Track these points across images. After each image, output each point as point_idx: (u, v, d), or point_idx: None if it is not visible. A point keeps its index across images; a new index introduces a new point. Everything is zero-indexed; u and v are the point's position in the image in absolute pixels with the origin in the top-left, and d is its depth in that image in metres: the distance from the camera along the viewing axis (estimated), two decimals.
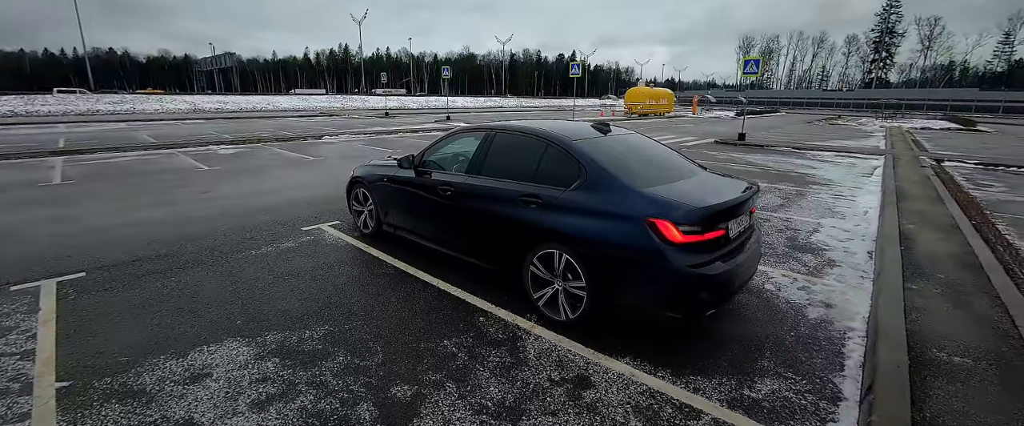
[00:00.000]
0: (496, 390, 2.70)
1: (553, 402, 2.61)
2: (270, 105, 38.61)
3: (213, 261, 4.54)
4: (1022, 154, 15.91)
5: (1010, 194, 9.10)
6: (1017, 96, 54.52)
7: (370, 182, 5.09)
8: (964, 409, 2.57)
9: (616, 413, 2.55)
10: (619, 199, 3.12)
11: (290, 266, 4.44)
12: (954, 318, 3.62)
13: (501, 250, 3.74)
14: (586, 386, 2.77)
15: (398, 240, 5.08)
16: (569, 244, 3.23)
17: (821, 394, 2.81)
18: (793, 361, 3.14)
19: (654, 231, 2.93)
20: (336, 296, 3.82)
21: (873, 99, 64.59)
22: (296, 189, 7.95)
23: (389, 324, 3.40)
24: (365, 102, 47.22)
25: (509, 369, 2.91)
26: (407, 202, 4.64)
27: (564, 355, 3.08)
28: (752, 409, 2.63)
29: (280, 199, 7.17)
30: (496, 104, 58.87)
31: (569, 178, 3.38)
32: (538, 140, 3.70)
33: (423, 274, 4.31)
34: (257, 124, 22.70)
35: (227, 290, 3.89)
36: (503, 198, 3.64)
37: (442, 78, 28.93)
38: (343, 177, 9.20)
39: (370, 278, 4.22)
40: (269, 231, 5.53)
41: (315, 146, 14.42)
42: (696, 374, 2.93)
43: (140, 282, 4.03)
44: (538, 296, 3.52)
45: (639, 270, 3.01)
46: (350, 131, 18.98)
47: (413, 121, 26.32)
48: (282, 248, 4.94)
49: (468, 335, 3.29)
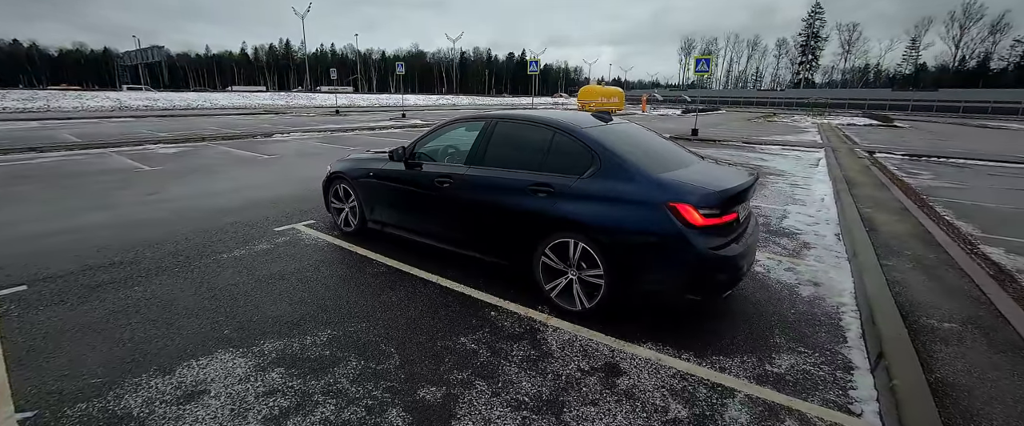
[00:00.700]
0: (529, 385, 2.59)
1: (590, 391, 2.55)
2: (207, 102, 36.00)
3: (180, 267, 4.10)
4: (936, 146, 17.69)
5: (937, 180, 10.04)
6: (923, 96, 60.72)
7: (353, 177, 4.79)
8: (966, 368, 2.77)
9: (654, 397, 2.53)
10: (637, 185, 3.10)
11: (271, 269, 4.09)
12: (931, 289, 3.90)
13: (509, 242, 3.62)
14: (617, 373, 2.74)
15: (385, 237, 4.82)
16: (586, 232, 3.17)
17: (835, 365, 2.93)
18: (801, 336, 3.26)
19: (676, 215, 2.93)
20: (331, 298, 3.55)
21: (802, 98, 69.66)
22: (257, 189, 7.39)
23: (397, 324, 3.19)
24: (312, 99, 45.16)
25: (536, 362, 2.81)
26: (398, 197, 4.40)
27: (587, 345, 3.03)
28: (779, 383, 2.70)
29: (241, 199, 6.63)
30: (449, 102, 58.17)
31: (582, 166, 3.32)
32: (545, 128, 3.60)
33: (418, 271, 4.11)
34: (195, 122, 21.07)
35: (205, 298, 3.51)
36: (510, 188, 3.52)
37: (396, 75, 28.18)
38: (306, 175, 8.72)
39: (363, 278, 3.96)
40: (237, 233, 5.08)
41: (267, 144, 13.56)
42: (718, 354, 2.97)
43: (97, 294, 3.55)
44: (551, 287, 3.44)
45: (661, 254, 3.00)
46: (302, 129, 18.04)
47: (366, 119, 25.43)
48: (257, 250, 4.55)
49: (483, 331, 3.15)
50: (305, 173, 8.94)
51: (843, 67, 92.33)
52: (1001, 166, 12.86)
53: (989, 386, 2.61)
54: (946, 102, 56.59)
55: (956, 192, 8.73)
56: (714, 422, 2.35)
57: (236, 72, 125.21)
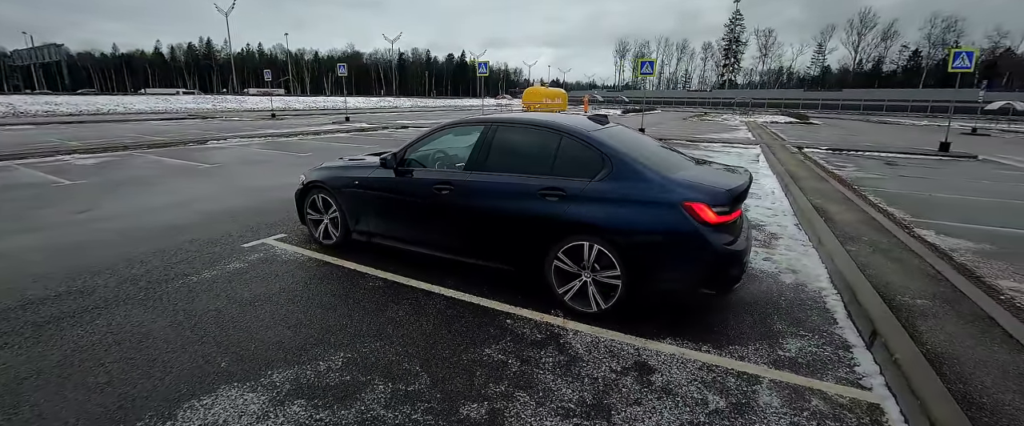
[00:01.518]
0: (569, 391, 2.56)
1: (629, 392, 2.57)
2: (120, 106, 32.56)
3: (144, 295, 3.65)
4: (849, 140, 19.66)
5: (861, 172, 11.14)
6: (830, 95, 67.32)
7: (334, 187, 4.49)
8: (948, 339, 3.10)
9: (691, 391, 2.60)
10: (650, 187, 3.17)
11: (254, 291, 3.75)
12: (895, 270, 4.30)
13: (517, 248, 3.57)
14: (649, 371, 2.78)
15: (371, 249, 4.57)
16: (602, 234, 3.20)
17: (835, 344, 3.18)
18: (798, 321, 3.49)
19: (692, 214, 3.04)
20: (333, 318, 3.31)
21: (728, 98, 74.82)
22: (206, 202, 6.77)
23: (413, 341, 3.03)
24: (242, 103, 42.23)
25: (568, 367, 2.79)
26: (389, 206, 4.19)
27: (611, 345, 3.05)
28: (795, 366, 2.88)
29: (192, 214, 6.04)
30: (390, 104, 56.68)
31: (592, 169, 3.34)
32: (551, 133, 3.59)
33: (416, 282, 3.94)
34: (110, 129, 18.99)
35: (185, 328, 3.14)
36: (519, 193, 3.48)
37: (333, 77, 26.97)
38: (257, 184, 8.11)
39: (360, 294, 3.73)
40: (200, 252, 4.61)
41: (203, 152, 12.48)
42: (733, 344, 3.11)
43: (47, 332, 3.07)
44: (564, 291, 3.43)
45: (679, 252, 3.10)
46: (239, 135, 16.80)
47: (306, 123, 24.15)
48: (230, 270, 4.15)
49: (505, 340, 3.07)
50: (256, 183, 8.33)
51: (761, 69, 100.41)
52: (905, 157, 14.52)
53: (971, 353, 2.93)
54: (849, 101, 63.11)
55: (879, 182, 9.73)
56: (752, 409, 2.45)
57: (150, 73, 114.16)
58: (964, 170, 12.00)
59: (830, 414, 2.46)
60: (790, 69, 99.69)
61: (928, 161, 13.76)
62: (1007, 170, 12.25)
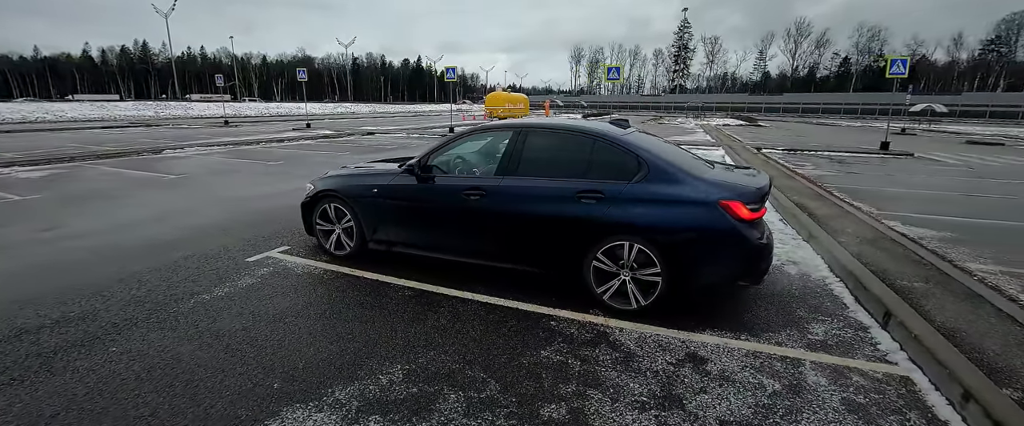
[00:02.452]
0: (636, 385, 2.64)
1: (692, 381, 2.70)
2: (49, 114, 29.90)
3: (155, 317, 3.39)
4: (800, 141, 21.03)
5: (819, 170, 11.96)
6: (772, 99, 71.69)
7: (350, 195, 4.35)
8: (953, 315, 3.41)
9: (746, 376, 2.76)
10: (687, 187, 3.34)
11: (277, 306, 3.57)
12: (885, 258, 4.67)
13: (555, 250, 3.62)
14: (702, 361, 2.92)
15: (387, 258, 4.47)
16: (642, 234, 3.33)
17: (853, 326, 3.46)
18: (814, 307, 3.76)
19: (729, 212, 3.22)
20: (373, 330, 3.21)
21: (680, 102, 78.08)
22: (186, 215, 6.36)
23: (467, 348, 3.00)
24: (188, 110, 39.84)
25: (626, 363, 2.87)
26: (414, 213, 4.12)
27: (659, 340, 3.17)
28: (826, 348, 3.12)
29: (175, 229, 5.66)
30: (348, 110, 55.15)
31: (628, 171, 3.46)
32: (584, 137, 3.69)
33: (447, 290, 3.89)
34: (44, 139, 17.40)
35: (218, 350, 2.95)
36: (556, 197, 3.54)
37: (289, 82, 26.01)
38: (236, 195, 7.70)
39: (392, 304, 3.64)
40: (201, 269, 4.34)
41: (162, 162, 11.69)
42: (767, 332, 3.32)
43: (59, 363, 2.80)
44: (603, 290, 3.52)
45: (719, 248, 3.28)
46: (194, 143, 15.86)
47: (264, 130, 23.09)
48: (243, 286, 3.94)
49: (557, 341, 3.11)
50: (233, 193, 7.91)
51: (708, 74, 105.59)
52: (853, 155, 15.70)
53: (975, 326, 3.25)
54: (789, 104, 67.47)
55: (837, 179, 10.48)
56: (805, 388, 2.65)
57: (79, 78, 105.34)
58: (905, 166, 13.13)
59: (871, 388, 2.70)
60: (734, 74, 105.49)
61: (873, 159, 14.94)
62: (940, 166, 13.51)
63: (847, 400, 2.58)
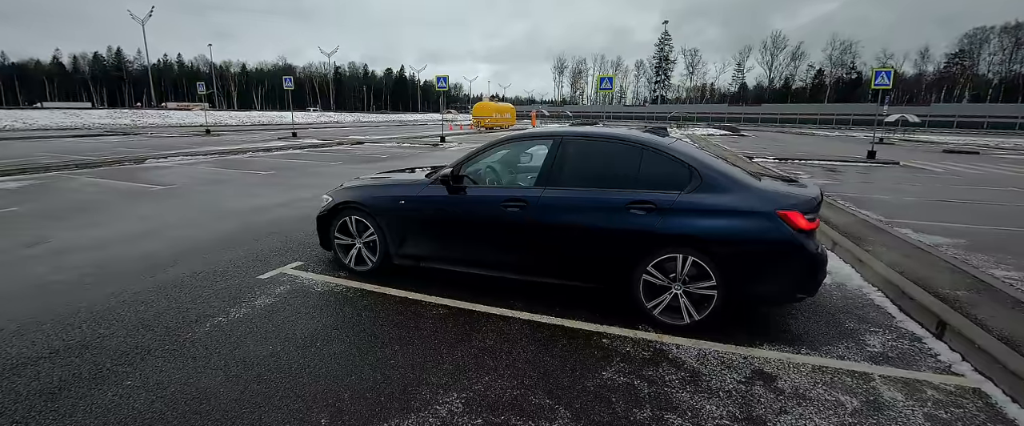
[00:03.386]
0: (713, 407, 2.49)
1: (769, 401, 2.56)
2: (19, 122, 28.60)
3: (169, 344, 3.07)
4: (787, 150, 21.43)
5: (815, 179, 12.10)
6: (750, 110, 73.56)
7: (374, 208, 4.09)
8: (1007, 323, 3.34)
9: (822, 394, 2.64)
10: (743, 197, 3.21)
11: (303, 329, 3.28)
12: (915, 266, 4.61)
13: (604, 263, 3.45)
14: (771, 379, 2.78)
15: (411, 274, 4.21)
16: (697, 246, 3.19)
17: (906, 337, 3.38)
18: (862, 319, 3.66)
19: (787, 222, 3.10)
20: (417, 353, 2.96)
21: (663, 113, 79.39)
22: (183, 228, 5.98)
23: (523, 371, 2.78)
24: (165, 118, 38.68)
25: (695, 383, 2.71)
26: (446, 226, 3.89)
27: (721, 356, 3.03)
28: (889, 360, 3.03)
29: (173, 243, 5.29)
30: (332, 119, 54.41)
31: (679, 181, 3.32)
32: (631, 146, 3.53)
33: (484, 307, 3.66)
34: (16, 147, 16.55)
35: (249, 381, 2.65)
36: (604, 208, 3.37)
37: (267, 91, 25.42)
38: (232, 207, 7.32)
39: (430, 324, 3.39)
40: (211, 287, 4.01)
41: (148, 172, 11.15)
42: (825, 345, 3.20)
43: (67, 401, 2.47)
44: (653, 304, 3.36)
45: (778, 259, 3.15)
46: (178, 152, 15.26)
47: (249, 139, 22.49)
48: (261, 307, 3.63)
49: (616, 361, 2.93)
50: (229, 205, 7.53)
51: (688, 86, 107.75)
52: (843, 164, 16.01)
53: None
54: (767, 114, 69.26)
55: (836, 187, 10.59)
56: (884, 405, 2.54)
57: (49, 85, 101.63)
58: (895, 175, 13.41)
59: (949, 402, 2.59)
60: (713, 86, 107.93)
61: (862, 167, 15.25)
62: (927, 174, 13.84)
63: (930, 416, 2.46)
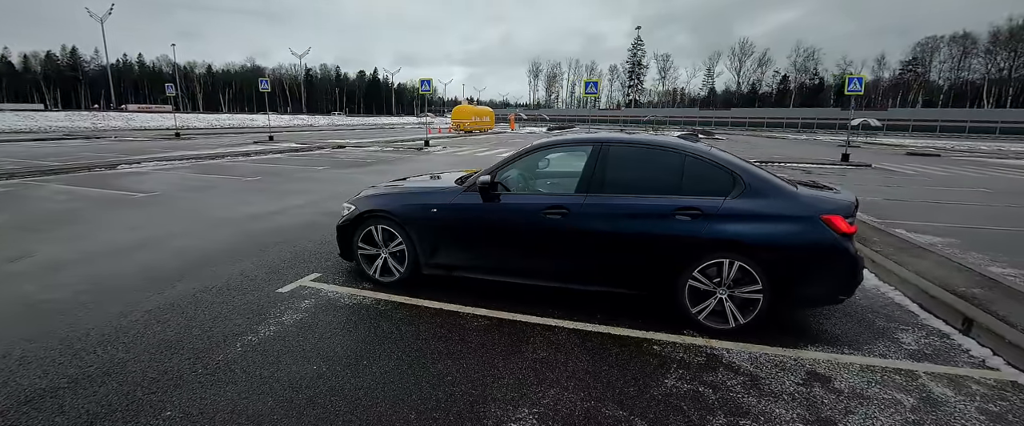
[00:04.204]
0: (784, 411, 2.51)
1: (833, 402, 2.61)
2: None
3: (201, 368, 2.84)
4: (765, 154, 22.06)
5: None
6: (721, 114, 75.72)
7: (404, 216, 3.94)
8: None
9: (878, 393, 2.71)
10: (787, 202, 3.27)
11: (343, 346, 3.11)
12: (925, 265, 4.77)
13: (650, 270, 3.44)
14: (826, 380, 2.83)
15: (441, 283, 4.08)
16: (744, 251, 3.23)
17: (934, 334, 3.50)
18: (890, 317, 3.78)
19: (831, 226, 3.17)
20: (472, 368, 2.84)
21: (637, 117, 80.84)
22: (179, 238, 5.64)
23: (585, 383, 2.73)
24: (128, 121, 36.85)
25: (758, 387, 2.74)
26: (483, 234, 3.80)
27: (772, 359, 3.07)
28: (927, 357, 3.15)
29: (175, 255, 4.97)
30: (305, 122, 53.00)
31: (722, 187, 3.34)
32: (673, 152, 3.55)
33: (525, 316, 3.59)
34: None
35: (301, 405, 2.48)
36: (650, 214, 3.37)
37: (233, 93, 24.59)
38: (227, 216, 6.98)
39: (474, 336, 3.27)
40: (229, 303, 3.77)
41: (123, 178, 10.54)
42: (867, 344, 3.30)
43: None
44: (698, 310, 3.38)
45: (823, 263, 3.21)
46: (150, 157, 14.54)
47: (223, 142, 21.63)
48: (291, 323, 3.43)
49: (673, 368, 2.93)
50: (222, 212, 7.18)
51: (660, 90, 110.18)
52: (820, 167, 16.60)
53: None
54: (736, 118, 71.41)
55: None
56: (938, 401, 2.65)
57: None
58: (870, 177, 13.98)
59: (994, 395, 2.69)
60: (684, 90, 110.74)
61: (837, 170, 15.85)
62: (900, 176, 14.50)
63: (983, 410, 2.56)
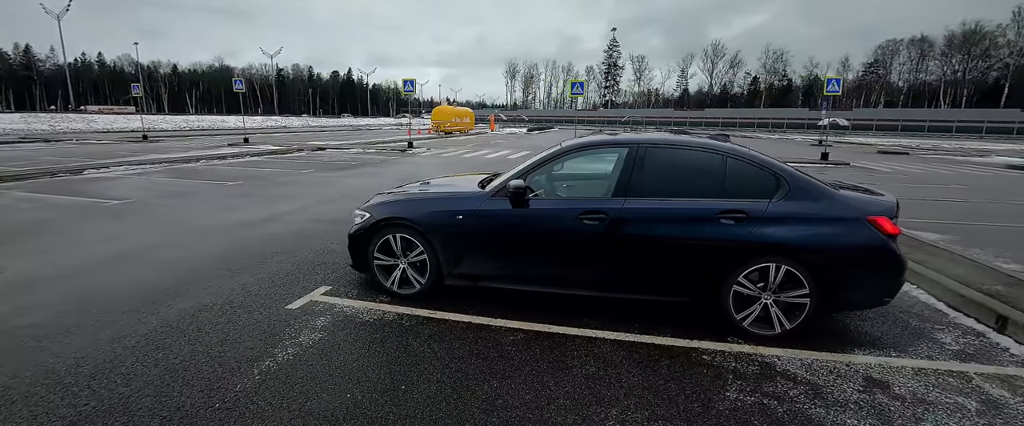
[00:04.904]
0: (854, 421, 2.45)
1: (899, 409, 2.58)
2: None
3: (219, 400, 2.53)
4: None
5: None
6: (695, 114, 77.32)
7: (426, 223, 3.68)
8: None
9: (940, 397, 2.70)
10: (832, 204, 3.20)
11: (374, 369, 2.83)
12: (945, 265, 4.78)
13: (695, 275, 3.31)
14: (885, 386, 2.79)
15: (462, 294, 3.84)
16: (791, 254, 3.14)
17: (971, 333, 3.49)
18: (923, 317, 3.77)
19: (877, 227, 3.10)
20: (522, 390, 2.62)
21: (615, 117, 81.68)
22: (164, 249, 5.22)
23: (648, 400, 2.57)
24: (90, 123, 34.94)
25: (821, 396, 2.68)
26: (513, 241, 3.58)
27: (827, 366, 3.01)
28: (973, 357, 3.15)
29: (163, 269, 4.56)
30: (279, 124, 51.44)
31: (767, 189, 3.25)
32: (712, 154, 3.42)
33: (560, 328, 3.41)
34: None
35: None
36: (694, 218, 3.24)
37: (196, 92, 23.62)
38: (213, 223, 6.55)
39: (516, 353, 3.05)
40: (235, 323, 3.43)
41: (91, 184, 9.83)
42: (911, 347, 3.29)
43: None
44: (743, 316, 3.27)
45: (870, 265, 3.15)
46: (120, 161, 13.70)
47: (195, 145, 20.66)
48: (309, 344, 3.13)
49: (730, 379, 2.82)
50: (208, 221, 6.73)
51: (636, 91, 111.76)
52: (800, 164, 16.90)
53: None
54: (710, 118, 73.02)
55: None
56: (998, 403, 2.63)
57: None
58: (852, 175, 14.34)
59: None
60: (659, 91, 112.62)
61: (819, 168, 16.22)
62: (878, 174, 14.94)
63: None
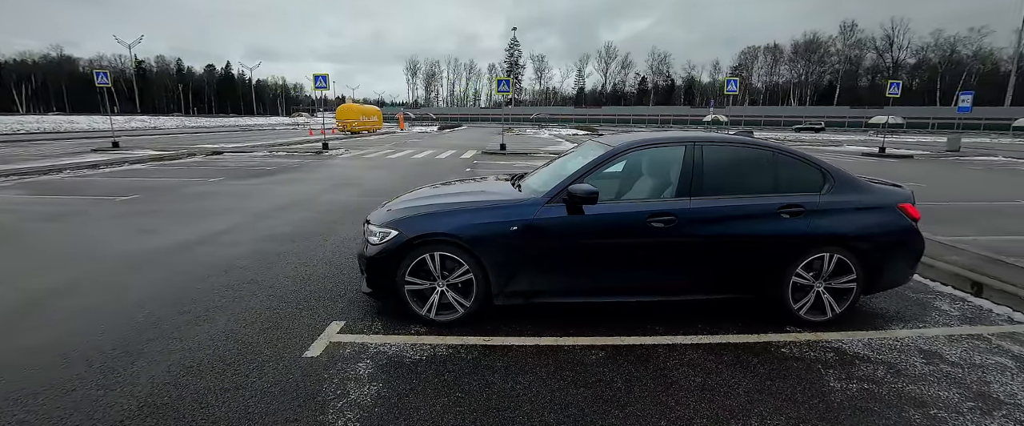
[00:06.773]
0: (946, 393, 2.70)
1: (964, 375, 2.85)
2: None
3: None
4: None
5: None
6: (594, 111, 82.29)
7: (472, 238, 3.25)
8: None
9: (979, 359, 3.07)
10: (869, 194, 3.51)
11: (464, 419, 2.38)
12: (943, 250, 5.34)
13: (761, 270, 3.40)
14: (939, 357, 3.12)
15: (504, 314, 3.49)
16: (843, 243, 3.37)
17: (958, 300, 4.08)
18: (916, 289, 4.28)
19: (906, 213, 3.48)
20: (646, 417, 2.40)
21: (522, 115, 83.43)
22: (80, 293, 4.03)
23: (769, 403, 2.57)
24: None
25: (903, 374, 2.90)
26: (575, 251, 3.36)
27: (887, 345, 3.28)
28: (979, 320, 3.69)
29: (94, 322, 3.49)
30: (147, 125, 44.12)
31: (813, 183, 3.47)
32: (763, 150, 3.61)
33: (635, 339, 3.30)
34: None
35: None
36: (758, 214, 3.35)
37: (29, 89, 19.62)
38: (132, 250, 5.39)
39: (612, 374, 2.82)
40: (248, 392, 2.67)
41: None
42: (924, 317, 3.74)
43: None
44: (800, 305, 3.46)
45: (904, 248, 3.51)
46: None
47: (45, 152, 16.68)
48: (366, 406, 2.53)
49: (820, 369, 2.97)
50: (123, 247, 5.42)
51: (536, 90, 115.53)
52: None
53: None
54: (607, 115, 78.25)
55: None
56: None
57: None
58: None
59: None
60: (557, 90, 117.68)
61: None
62: None
63: None
